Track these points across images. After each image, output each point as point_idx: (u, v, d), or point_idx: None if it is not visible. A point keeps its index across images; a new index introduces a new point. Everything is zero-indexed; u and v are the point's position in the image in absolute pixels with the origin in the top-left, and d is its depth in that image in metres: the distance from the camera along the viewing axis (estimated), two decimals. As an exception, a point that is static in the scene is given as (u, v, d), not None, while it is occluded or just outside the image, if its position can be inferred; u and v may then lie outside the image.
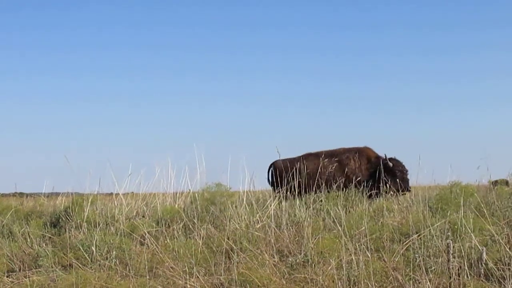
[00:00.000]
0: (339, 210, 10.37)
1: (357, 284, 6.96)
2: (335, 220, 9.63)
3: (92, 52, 47.05)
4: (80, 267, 8.25)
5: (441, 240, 7.62)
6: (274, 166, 14.88)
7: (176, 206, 12.24)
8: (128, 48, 47.01)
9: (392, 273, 7.05)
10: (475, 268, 6.96)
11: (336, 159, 14.13)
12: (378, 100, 44.75)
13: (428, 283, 6.72)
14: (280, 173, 14.21)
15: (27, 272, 8.74)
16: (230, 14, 46.67)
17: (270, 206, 10.33)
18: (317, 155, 14.43)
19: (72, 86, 45.48)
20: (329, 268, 7.30)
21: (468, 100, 43.22)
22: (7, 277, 8.60)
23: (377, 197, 13.05)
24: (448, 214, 8.96)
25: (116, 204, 12.21)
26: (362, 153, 14.24)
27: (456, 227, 8.14)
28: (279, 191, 13.25)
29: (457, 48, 47.26)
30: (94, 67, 46.20)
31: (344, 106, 43.37)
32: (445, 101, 43.53)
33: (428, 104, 42.85)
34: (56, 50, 47.28)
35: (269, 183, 14.93)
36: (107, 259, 8.61)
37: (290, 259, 8.06)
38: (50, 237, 10.37)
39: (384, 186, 13.16)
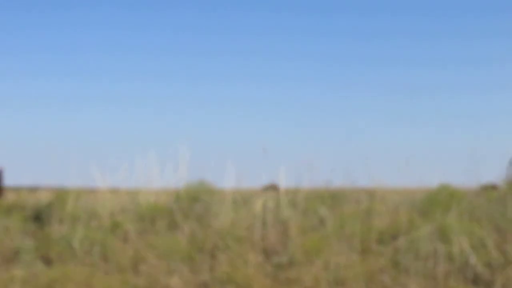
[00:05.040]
0: (325, 210, 10.28)
1: (343, 285, 6.90)
2: (322, 220, 9.55)
3: (82, 52, 46.86)
4: (62, 262, 8.16)
5: (429, 243, 7.56)
6: None
7: (161, 202, 12.11)
8: (120, 49, 46.87)
9: (379, 275, 6.99)
10: (462, 272, 6.91)
11: None
12: (366, 102, 44.84)
13: (415, 286, 6.67)
14: None
15: (8, 266, 8.64)
16: (225, 18, 46.63)
17: (256, 205, 10.23)
18: None
19: (60, 83, 45.29)
20: (315, 268, 7.24)
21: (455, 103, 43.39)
22: (-13, 270, 8.50)
23: None
24: (437, 217, 8.89)
25: (100, 199, 12.07)
26: None
27: (444, 230, 8.08)
28: None
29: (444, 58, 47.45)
30: (83, 66, 46.02)
31: (334, 108, 43.44)
32: (432, 104, 43.64)
33: (413, 107, 42.96)
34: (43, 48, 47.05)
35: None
36: (89, 254, 8.53)
37: (275, 259, 7.99)
38: (32, 231, 10.23)
39: None
